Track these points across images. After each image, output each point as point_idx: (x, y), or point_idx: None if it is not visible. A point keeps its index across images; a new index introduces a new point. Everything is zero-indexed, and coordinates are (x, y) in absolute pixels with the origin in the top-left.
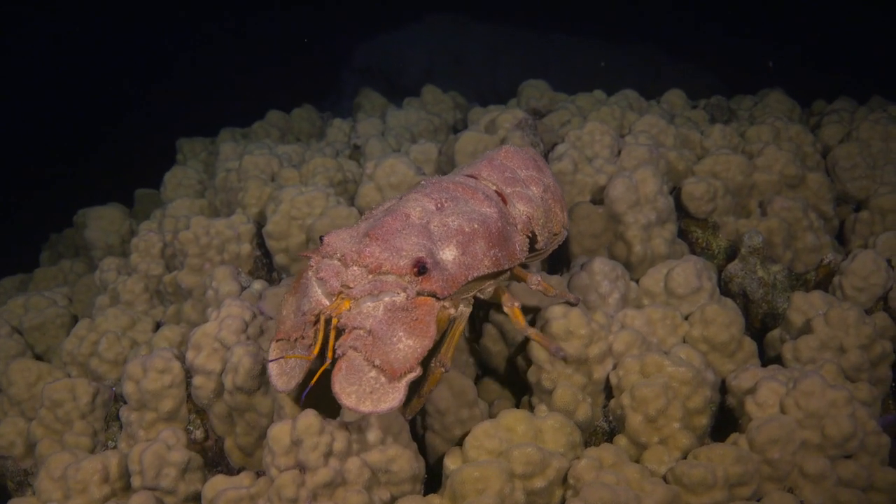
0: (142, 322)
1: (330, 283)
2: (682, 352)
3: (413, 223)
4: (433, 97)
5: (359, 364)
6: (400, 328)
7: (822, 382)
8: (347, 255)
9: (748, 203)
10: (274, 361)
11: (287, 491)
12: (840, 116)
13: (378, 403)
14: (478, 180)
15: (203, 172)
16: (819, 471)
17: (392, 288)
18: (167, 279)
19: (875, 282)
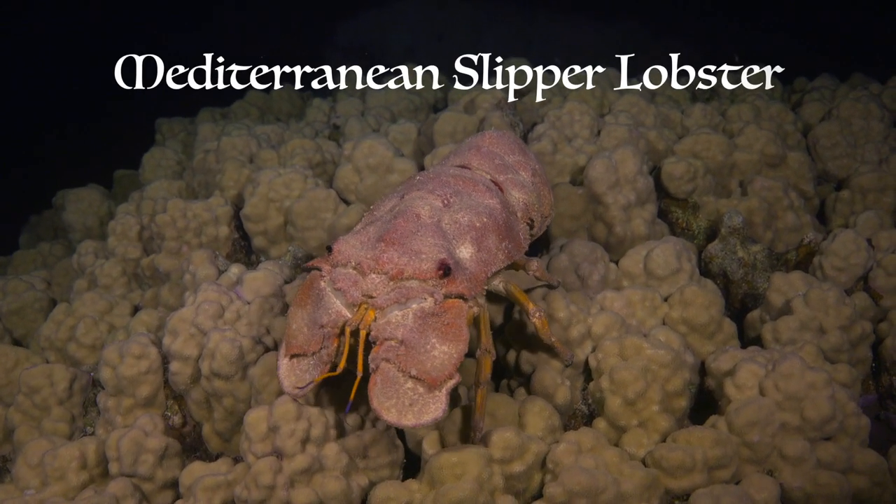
0: (119, 306)
1: (350, 294)
2: (662, 334)
3: (425, 223)
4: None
5: (393, 376)
6: (432, 335)
7: (802, 364)
8: (364, 262)
9: (729, 183)
10: (287, 372)
11: (264, 478)
12: (821, 94)
13: (420, 416)
14: (471, 171)
15: (182, 153)
16: (798, 453)
17: (419, 294)
18: (145, 263)
19: (855, 262)
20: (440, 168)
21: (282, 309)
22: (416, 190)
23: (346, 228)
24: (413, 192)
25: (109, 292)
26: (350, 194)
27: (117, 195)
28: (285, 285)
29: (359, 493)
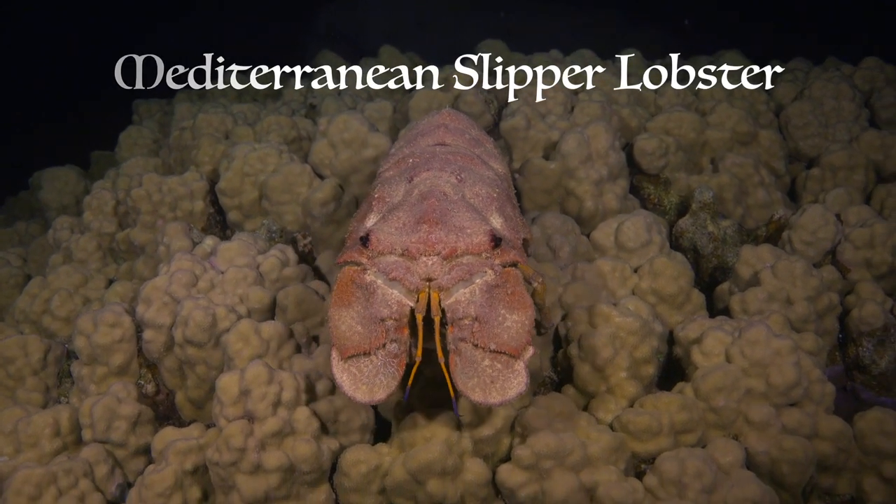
0: (94, 280)
1: (409, 281)
2: (631, 303)
3: (454, 200)
4: (390, 57)
5: (471, 355)
6: (501, 306)
7: (767, 331)
8: (412, 247)
9: (700, 160)
10: (345, 373)
11: (235, 440)
12: (794, 76)
13: (505, 392)
14: (451, 146)
15: (158, 132)
16: (763, 418)
17: (479, 268)
18: (120, 237)
19: (823, 236)
20: (426, 148)
21: (255, 279)
22: (425, 170)
23: (320, 203)
24: (422, 172)
25: (84, 266)
26: (325, 169)
27: (94, 175)
28: (259, 256)
29: (329, 456)
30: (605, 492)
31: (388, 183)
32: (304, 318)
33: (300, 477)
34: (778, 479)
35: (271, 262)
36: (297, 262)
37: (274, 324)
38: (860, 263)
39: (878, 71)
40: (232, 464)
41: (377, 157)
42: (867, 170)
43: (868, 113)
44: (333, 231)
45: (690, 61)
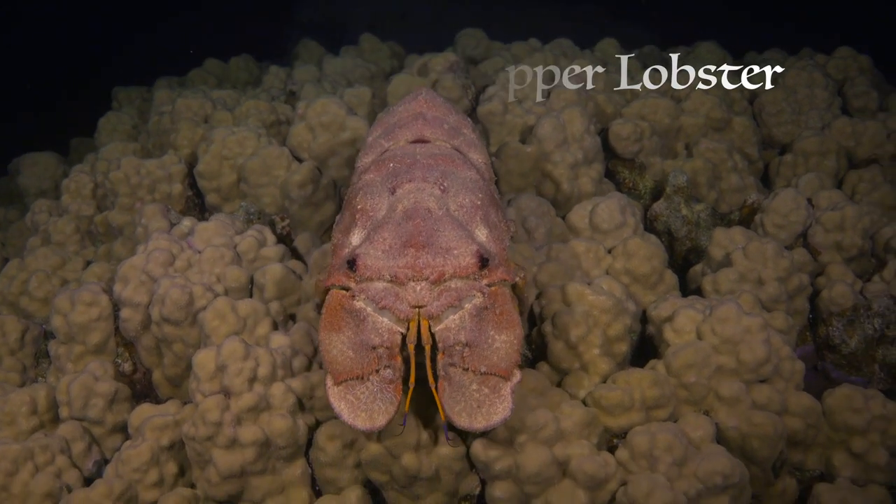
0: (72, 262)
1: (399, 310)
2: (605, 283)
3: (439, 216)
4: (371, 46)
5: (459, 380)
6: (490, 329)
7: (738, 309)
8: (399, 273)
9: (675, 145)
10: (342, 401)
11: (211, 415)
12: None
13: (490, 417)
14: (431, 144)
15: (138, 118)
16: (734, 394)
17: (468, 292)
18: (98, 219)
19: (795, 219)
20: (406, 148)
21: (233, 258)
22: (407, 181)
23: (298, 185)
24: (405, 184)
25: (63, 249)
26: (303, 152)
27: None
28: (236, 236)
29: (305, 431)
30: (578, 465)
31: (370, 192)
32: (282, 296)
33: (276, 451)
34: (748, 454)
35: (249, 241)
36: (274, 243)
37: (251, 301)
38: (831, 246)
39: (851, 60)
40: (208, 438)
41: (355, 140)
42: (839, 156)
43: (841, 101)
44: (311, 213)
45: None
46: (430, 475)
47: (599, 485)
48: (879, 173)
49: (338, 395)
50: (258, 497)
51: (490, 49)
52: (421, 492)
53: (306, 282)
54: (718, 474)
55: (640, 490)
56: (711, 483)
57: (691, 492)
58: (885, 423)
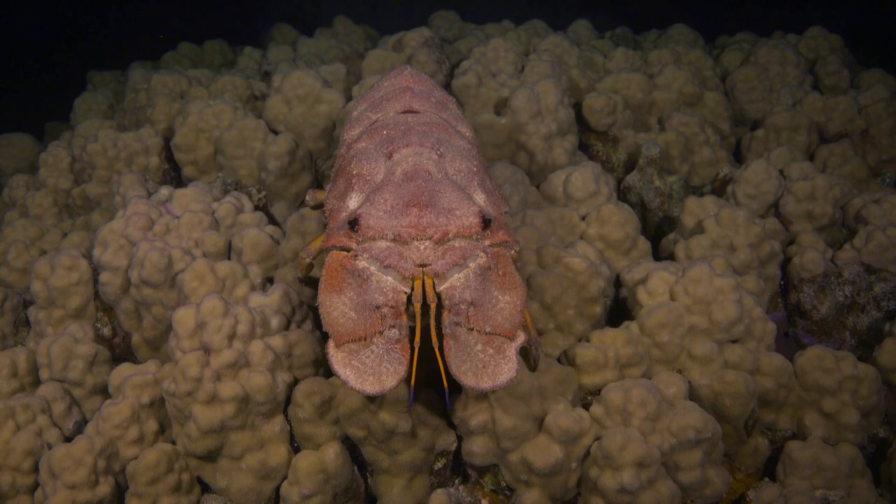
0: (50, 234)
1: (404, 268)
2: (579, 247)
3: (439, 178)
4: (345, 28)
5: (465, 339)
6: (494, 288)
7: (710, 270)
8: (403, 232)
9: (648, 120)
10: (348, 368)
11: (191, 370)
12: (741, 47)
13: (495, 377)
14: (421, 114)
15: (113, 99)
16: (706, 353)
17: (472, 251)
18: (76, 192)
19: (767, 189)
20: (397, 117)
21: (211, 224)
22: (404, 145)
23: (274, 156)
24: (402, 148)
25: (41, 221)
26: (279, 125)
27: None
28: (214, 203)
29: (284, 388)
30: (553, 420)
31: (365, 158)
32: (260, 260)
33: (255, 408)
34: (720, 412)
35: (226, 208)
36: (252, 210)
37: (230, 263)
38: (802, 215)
39: (822, 40)
40: (188, 394)
41: (330, 112)
42: (810, 131)
43: (812, 79)
44: (287, 184)
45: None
46: (406, 430)
47: (574, 439)
48: (850, 147)
49: (342, 362)
50: (237, 452)
51: (463, 30)
52: (398, 447)
53: (284, 246)
54: (691, 428)
55: (614, 443)
56: (684, 437)
57: (665, 446)
58: (856, 383)
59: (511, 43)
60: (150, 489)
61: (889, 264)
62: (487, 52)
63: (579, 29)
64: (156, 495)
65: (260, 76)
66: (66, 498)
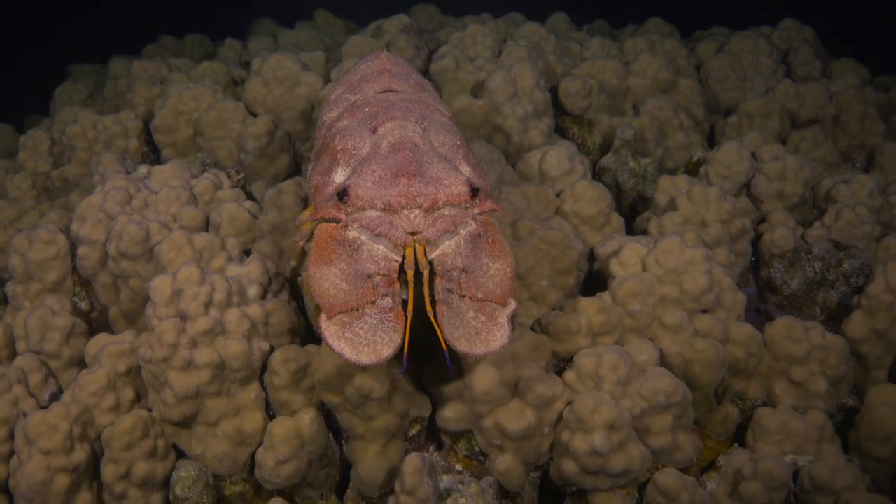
0: (29, 215)
1: (395, 236)
2: (553, 222)
3: (425, 150)
4: (325, 21)
5: (458, 306)
6: (484, 256)
7: (681, 242)
8: (393, 201)
9: (623, 105)
10: (342, 340)
11: (167, 336)
12: (715, 39)
13: (489, 344)
14: (401, 93)
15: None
16: (677, 322)
17: (462, 219)
18: (55, 174)
19: (739, 170)
20: (378, 96)
21: (189, 199)
22: (389, 119)
23: (253, 136)
24: (386, 122)
25: (20, 203)
26: (258, 107)
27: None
28: (192, 179)
29: (260, 356)
30: (526, 385)
31: (350, 133)
32: (237, 234)
33: (231, 374)
34: (691, 379)
35: (205, 184)
36: (230, 187)
37: (207, 235)
38: (773, 195)
39: (795, 32)
40: (164, 360)
41: (309, 94)
42: (782, 117)
43: (785, 69)
44: (266, 165)
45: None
46: (381, 396)
47: (547, 404)
48: (821, 133)
49: (335, 335)
50: (213, 419)
51: (443, 23)
52: (373, 412)
53: (261, 220)
54: (662, 393)
55: (586, 406)
56: (655, 402)
57: (636, 410)
58: (825, 352)
59: (489, 29)
60: (125, 454)
61: (858, 241)
62: (465, 37)
63: (557, 22)
64: (131, 461)
65: (240, 66)
66: (41, 464)
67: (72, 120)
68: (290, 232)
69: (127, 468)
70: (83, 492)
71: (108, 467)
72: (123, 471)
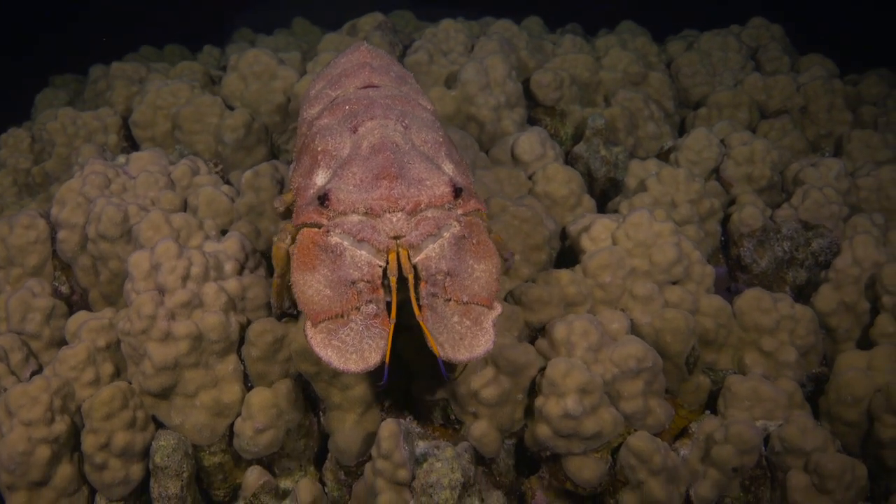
0: (10, 209)
1: (378, 241)
2: (526, 200)
3: (406, 150)
4: (303, 28)
5: (442, 311)
6: (469, 257)
7: (650, 216)
8: (374, 205)
9: (595, 98)
10: (328, 348)
11: (146, 308)
12: (686, 39)
13: (473, 349)
14: (382, 88)
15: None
16: (647, 293)
17: (445, 221)
18: (35, 171)
19: (708, 155)
20: (359, 92)
21: (167, 184)
22: (369, 119)
23: (231, 128)
24: (366, 122)
25: (1, 200)
26: (236, 101)
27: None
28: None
29: (237, 328)
30: (500, 352)
31: (330, 134)
32: (215, 216)
33: (209, 346)
34: (662, 348)
35: (182, 169)
36: (207, 172)
37: (185, 214)
38: (742, 178)
39: (763, 30)
40: (143, 331)
41: (286, 88)
42: (751, 108)
43: (754, 65)
44: (244, 157)
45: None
46: None
47: (520, 370)
48: (790, 122)
49: (322, 343)
50: (192, 390)
51: (418, 27)
52: (349, 381)
53: (238, 202)
54: (632, 358)
55: (558, 371)
56: (626, 367)
57: (607, 375)
58: (793, 323)
59: (462, 25)
60: (105, 424)
61: (825, 221)
62: (438, 32)
63: (531, 25)
64: (111, 431)
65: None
66: (22, 435)
67: (52, 117)
68: (266, 213)
69: (107, 438)
70: (64, 464)
71: (89, 438)
72: (103, 441)
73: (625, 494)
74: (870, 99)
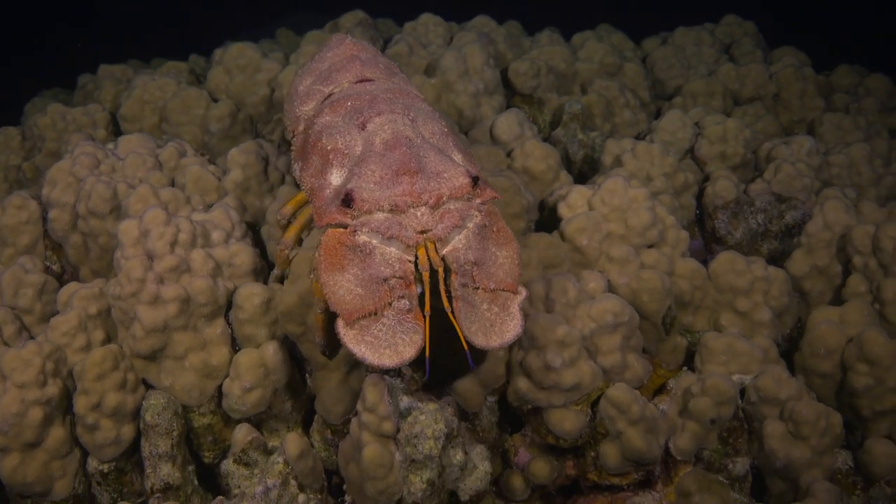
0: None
1: (407, 237)
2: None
3: (419, 143)
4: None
5: (472, 299)
6: (492, 246)
7: (624, 182)
8: (399, 201)
9: (572, 88)
10: (362, 344)
11: (135, 272)
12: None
13: (503, 335)
14: (375, 81)
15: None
16: (623, 255)
17: (467, 212)
18: (25, 166)
19: (682, 136)
20: (356, 87)
21: (154, 164)
22: (376, 114)
23: (217, 118)
24: (374, 117)
25: None
26: (221, 94)
27: None
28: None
29: (225, 293)
30: None
31: (337, 131)
32: (202, 194)
33: (197, 309)
34: (639, 308)
35: (170, 151)
36: (194, 154)
37: (172, 189)
38: (715, 156)
39: (736, 26)
40: (132, 295)
41: (270, 80)
42: (725, 96)
43: (728, 58)
44: (230, 146)
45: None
46: None
47: None
48: (763, 107)
49: (355, 340)
50: (181, 352)
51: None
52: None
53: (225, 179)
54: (609, 312)
55: (538, 326)
56: (603, 321)
57: (585, 330)
58: (767, 284)
59: (440, 18)
60: (96, 385)
61: (798, 193)
62: (418, 26)
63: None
64: (102, 392)
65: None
66: (15, 397)
67: (42, 113)
68: (252, 189)
69: (98, 399)
70: (56, 426)
71: (81, 399)
72: (95, 401)
73: (605, 446)
74: (841, 88)
